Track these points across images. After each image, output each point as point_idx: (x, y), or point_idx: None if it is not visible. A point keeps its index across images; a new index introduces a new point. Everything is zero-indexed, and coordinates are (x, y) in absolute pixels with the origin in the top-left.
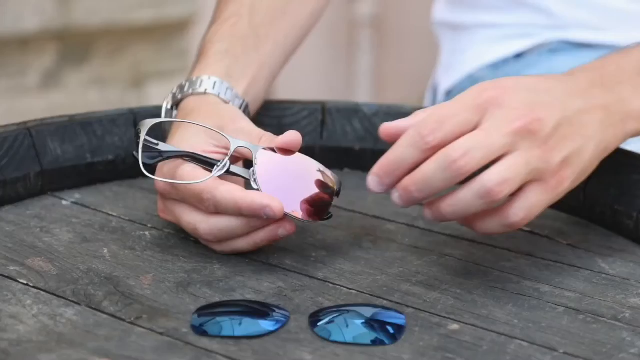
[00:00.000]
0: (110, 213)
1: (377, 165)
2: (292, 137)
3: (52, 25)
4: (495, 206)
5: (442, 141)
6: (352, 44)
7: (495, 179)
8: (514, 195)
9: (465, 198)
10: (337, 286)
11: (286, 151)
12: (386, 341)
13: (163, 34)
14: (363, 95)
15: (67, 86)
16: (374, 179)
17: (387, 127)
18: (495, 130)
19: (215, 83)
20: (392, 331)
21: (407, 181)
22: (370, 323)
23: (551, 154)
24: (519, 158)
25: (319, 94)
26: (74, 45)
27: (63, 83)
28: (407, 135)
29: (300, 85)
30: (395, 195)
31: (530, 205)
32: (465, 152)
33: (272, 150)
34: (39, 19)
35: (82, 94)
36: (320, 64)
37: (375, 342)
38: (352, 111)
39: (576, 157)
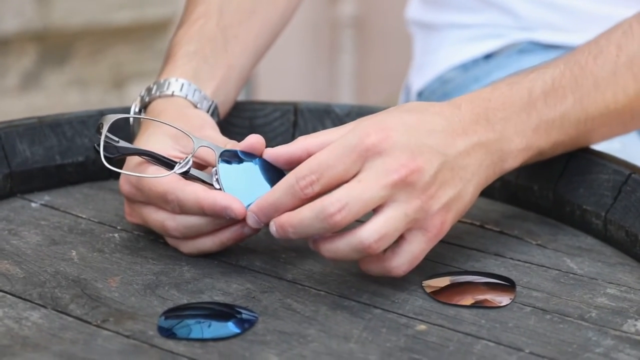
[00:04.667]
0: (79, 215)
1: (256, 204)
2: (254, 140)
3: (31, 26)
4: None
5: (320, 192)
6: (335, 44)
7: (373, 236)
8: (395, 243)
9: (343, 248)
10: (306, 287)
11: (251, 155)
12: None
13: (143, 34)
14: (346, 95)
15: (47, 87)
16: (252, 216)
17: (270, 155)
18: (374, 182)
19: (183, 85)
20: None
21: (285, 221)
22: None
23: (430, 203)
24: (397, 211)
25: (301, 94)
26: (54, 47)
27: (43, 84)
28: (286, 182)
29: (283, 86)
30: (273, 230)
31: (412, 257)
32: (342, 207)
33: (236, 152)
34: (19, 20)
35: (63, 96)
36: (302, 65)
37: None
38: (323, 112)
39: (456, 201)
